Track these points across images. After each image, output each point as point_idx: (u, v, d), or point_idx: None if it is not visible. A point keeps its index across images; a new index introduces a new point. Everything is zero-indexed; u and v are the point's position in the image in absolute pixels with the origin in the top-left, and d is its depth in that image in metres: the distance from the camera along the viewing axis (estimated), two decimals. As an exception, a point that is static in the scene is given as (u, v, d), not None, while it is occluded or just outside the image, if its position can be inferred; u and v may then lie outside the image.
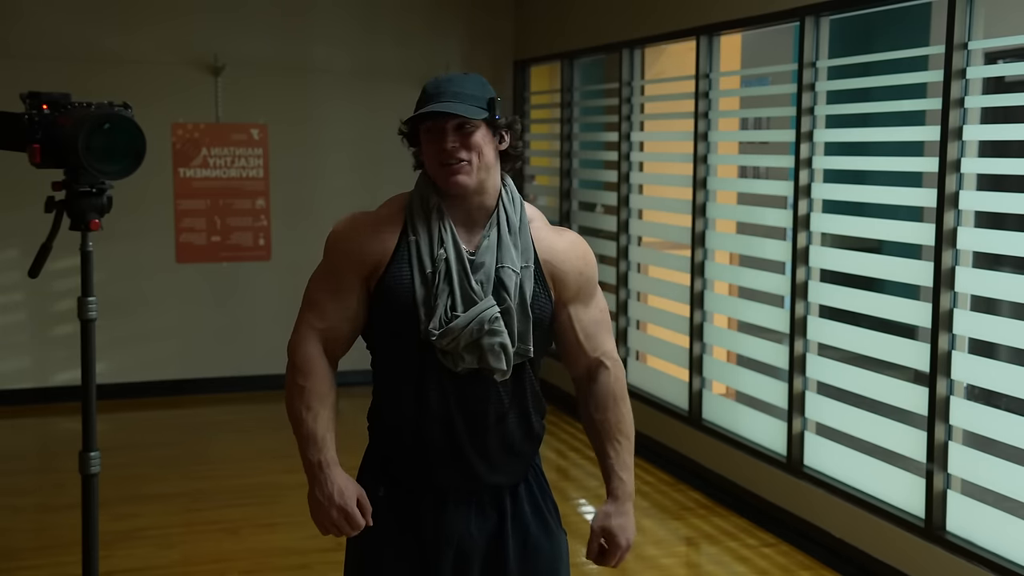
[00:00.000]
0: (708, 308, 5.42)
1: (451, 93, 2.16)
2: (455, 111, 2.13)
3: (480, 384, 2.20)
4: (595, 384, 2.34)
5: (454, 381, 2.19)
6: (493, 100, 2.19)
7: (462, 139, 2.15)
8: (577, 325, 2.30)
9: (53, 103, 2.71)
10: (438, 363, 2.18)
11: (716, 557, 4.57)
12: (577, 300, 2.30)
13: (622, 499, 2.28)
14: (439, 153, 2.16)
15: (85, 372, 2.86)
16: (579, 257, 2.30)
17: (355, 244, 2.22)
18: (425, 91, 2.20)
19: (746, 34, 5.47)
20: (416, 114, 2.17)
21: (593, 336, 2.32)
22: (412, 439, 2.22)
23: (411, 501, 2.26)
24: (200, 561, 4.44)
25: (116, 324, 6.68)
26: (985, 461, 3.77)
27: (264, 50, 7.15)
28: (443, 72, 7.60)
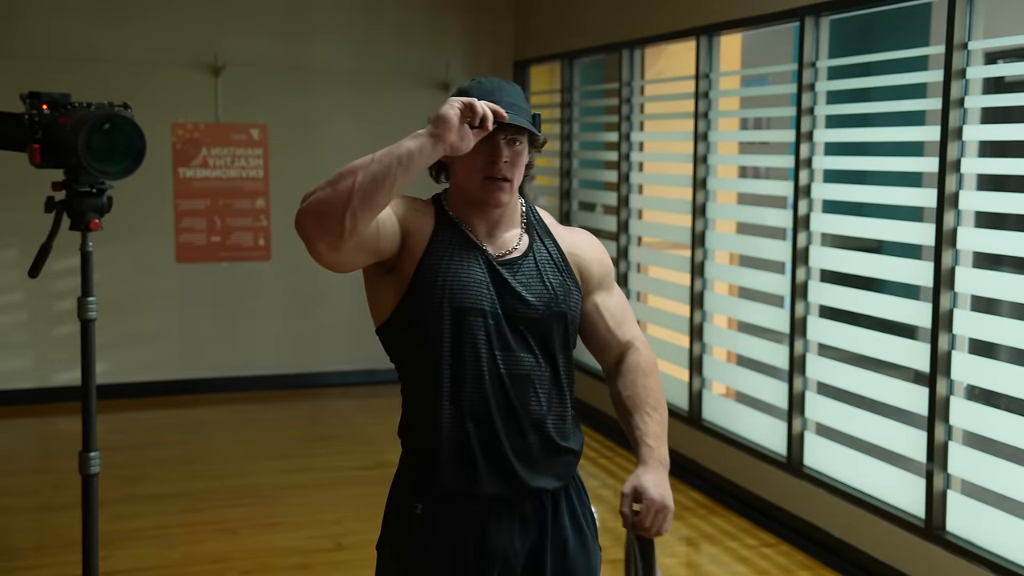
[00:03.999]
0: (708, 308, 5.42)
1: (507, 104, 2.11)
2: (525, 126, 2.10)
3: (518, 383, 2.18)
4: (624, 364, 2.32)
5: (492, 382, 2.16)
6: (537, 116, 2.17)
7: (512, 156, 2.14)
8: (605, 312, 2.31)
9: (53, 103, 2.71)
10: (476, 363, 2.15)
11: (716, 557, 4.57)
12: (601, 288, 2.32)
13: (651, 464, 2.18)
14: (488, 166, 2.12)
15: (85, 372, 2.86)
16: (596, 247, 2.34)
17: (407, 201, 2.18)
18: (475, 94, 2.12)
19: (746, 34, 5.47)
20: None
21: (622, 323, 2.33)
22: (451, 447, 2.16)
23: (453, 517, 2.19)
24: (200, 561, 4.44)
25: (116, 324, 6.68)
26: (985, 461, 3.77)
27: (264, 50, 7.15)
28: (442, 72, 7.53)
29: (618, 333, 2.32)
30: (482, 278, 2.16)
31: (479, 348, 2.14)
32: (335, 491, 5.26)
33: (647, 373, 2.30)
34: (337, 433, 6.43)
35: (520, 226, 2.26)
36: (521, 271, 2.21)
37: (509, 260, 2.21)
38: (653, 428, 2.23)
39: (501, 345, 2.17)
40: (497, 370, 2.16)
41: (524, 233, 2.26)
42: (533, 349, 2.19)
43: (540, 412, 2.20)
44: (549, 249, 2.26)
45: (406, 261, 2.15)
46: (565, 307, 2.22)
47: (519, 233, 2.25)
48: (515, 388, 2.17)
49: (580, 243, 2.32)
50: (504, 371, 2.16)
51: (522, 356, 2.18)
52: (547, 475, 2.23)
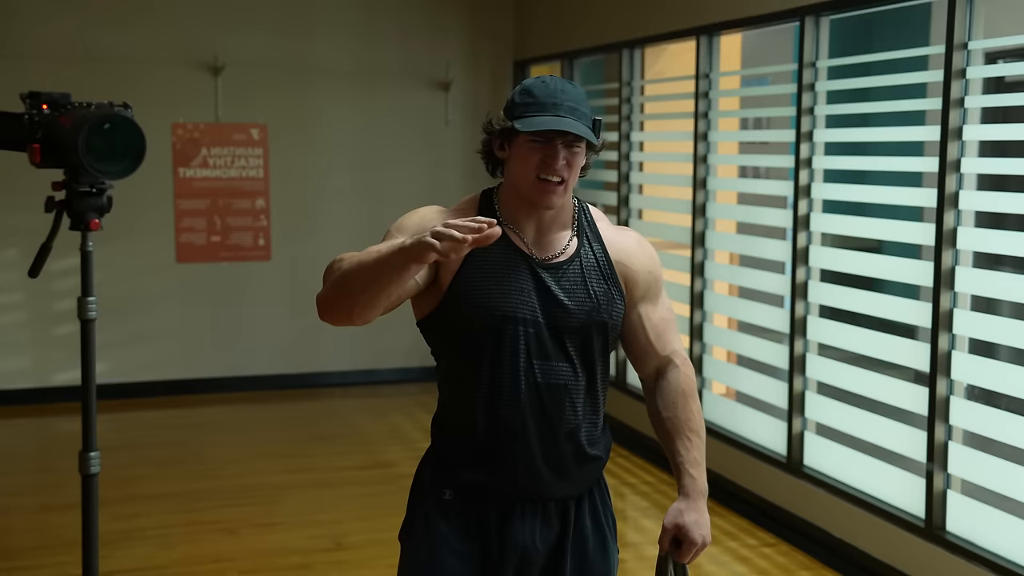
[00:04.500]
0: (708, 308, 5.42)
1: (568, 107, 2.10)
2: (582, 134, 2.08)
3: (554, 392, 2.16)
4: (664, 381, 2.28)
5: (528, 391, 2.15)
6: (598, 122, 2.15)
7: (569, 158, 2.11)
8: (647, 323, 2.26)
9: (53, 103, 2.71)
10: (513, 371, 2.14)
11: (716, 557, 4.57)
12: (647, 299, 2.27)
13: (693, 496, 2.22)
14: (542, 167, 2.09)
15: (85, 372, 2.86)
16: (647, 255, 2.28)
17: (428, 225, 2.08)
18: (534, 95, 2.12)
19: (746, 34, 5.47)
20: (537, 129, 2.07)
21: (663, 335, 2.28)
22: (484, 450, 2.18)
23: (478, 508, 2.21)
24: (200, 561, 4.43)
25: (116, 324, 6.68)
26: (985, 461, 3.76)
27: (264, 50, 7.15)
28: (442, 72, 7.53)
29: (657, 346, 2.28)
30: (523, 284, 2.14)
31: (517, 357, 2.14)
32: (335, 491, 5.26)
33: (688, 395, 2.27)
34: (337, 433, 6.42)
35: (571, 228, 2.23)
36: (565, 276, 2.18)
37: (554, 264, 2.18)
38: (694, 455, 2.24)
39: (540, 354, 2.15)
40: (534, 379, 2.15)
41: (574, 235, 2.22)
42: (571, 357, 2.18)
43: (575, 421, 2.19)
44: (596, 254, 2.22)
45: (444, 273, 2.14)
46: (607, 316, 2.19)
47: (569, 235, 2.22)
48: (551, 398, 2.16)
49: (629, 250, 2.26)
50: (541, 381, 2.15)
51: (560, 365, 2.16)
52: (574, 481, 2.23)
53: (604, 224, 2.28)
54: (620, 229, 2.31)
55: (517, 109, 2.12)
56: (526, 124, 2.08)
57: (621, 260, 2.24)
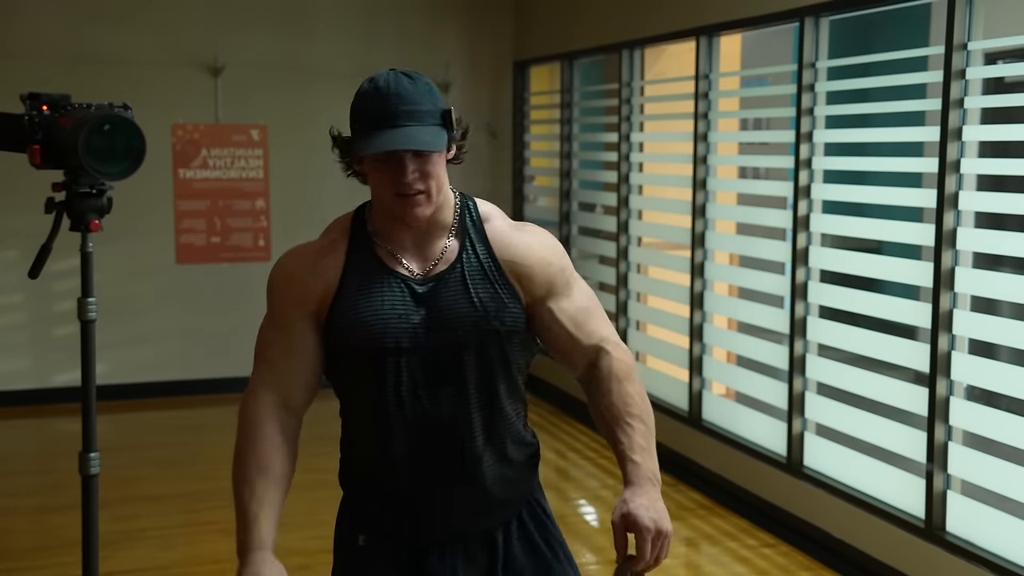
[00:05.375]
0: (708, 309, 5.42)
1: (404, 113, 1.90)
2: (421, 147, 1.89)
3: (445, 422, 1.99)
4: (596, 371, 2.05)
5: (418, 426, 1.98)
6: (448, 113, 1.96)
7: (421, 168, 1.92)
8: (563, 317, 2.04)
9: (53, 104, 2.71)
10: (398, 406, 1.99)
11: (716, 558, 4.57)
12: (554, 293, 2.05)
13: (638, 482, 1.90)
14: (395, 184, 1.92)
15: (85, 373, 2.86)
16: (542, 248, 2.06)
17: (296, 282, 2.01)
18: (367, 105, 1.94)
19: (746, 35, 5.47)
20: (370, 153, 1.91)
21: (584, 325, 2.06)
22: (385, 492, 2.05)
23: (393, 552, 2.08)
24: (200, 562, 4.44)
25: (116, 325, 6.68)
26: (985, 461, 3.76)
27: (264, 50, 7.15)
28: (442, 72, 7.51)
29: (580, 337, 2.05)
30: (401, 309, 1.97)
31: (400, 389, 1.98)
32: (336, 491, 5.24)
33: (623, 378, 2.01)
34: (337, 433, 6.41)
35: (450, 231, 2.03)
36: (447, 287, 1.99)
37: (433, 276, 2.00)
38: (637, 440, 1.95)
39: (426, 382, 1.98)
40: (421, 410, 1.98)
41: (454, 239, 2.03)
42: (463, 379, 1.99)
43: (476, 449, 2.01)
44: (480, 256, 2.02)
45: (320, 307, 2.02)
46: (498, 323, 1.99)
47: (448, 241, 2.03)
48: (442, 428, 1.99)
49: (519, 246, 2.04)
50: (429, 411, 1.98)
51: (449, 390, 1.98)
52: (492, 511, 2.07)
53: (497, 222, 2.07)
54: (517, 226, 2.10)
55: (354, 124, 1.96)
56: (363, 147, 1.91)
57: (510, 258, 2.03)
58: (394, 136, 1.89)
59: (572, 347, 2.07)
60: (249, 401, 2.03)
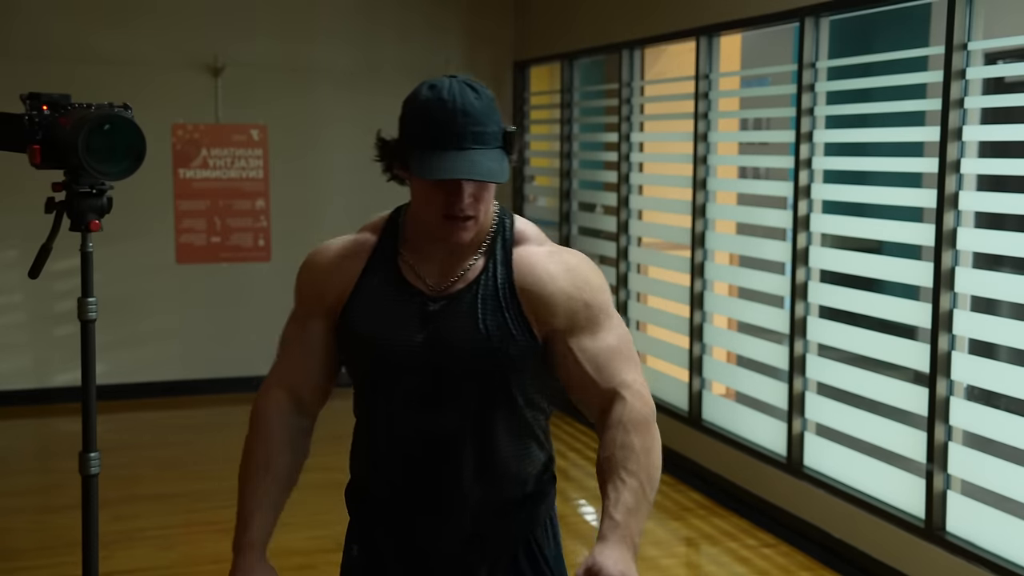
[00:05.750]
0: (708, 309, 5.42)
1: (472, 135, 1.77)
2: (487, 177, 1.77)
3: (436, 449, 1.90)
4: (608, 418, 1.86)
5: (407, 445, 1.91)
6: (511, 136, 1.84)
7: (477, 193, 1.82)
8: (582, 356, 1.87)
9: (53, 104, 2.71)
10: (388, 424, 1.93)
11: (716, 558, 4.57)
12: (576, 329, 1.88)
13: (612, 540, 1.73)
14: (446, 207, 1.81)
15: (85, 373, 2.86)
16: (569, 279, 1.89)
17: (317, 279, 1.97)
18: (431, 118, 1.79)
19: (746, 35, 5.47)
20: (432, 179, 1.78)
21: (605, 366, 1.87)
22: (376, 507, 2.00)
23: (382, 565, 2.01)
24: (200, 562, 4.43)
25: (116, 325, 6.68)
26: (985, 461, 3.76)
27: (264, 50, 7.15)
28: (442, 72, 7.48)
29: (599, 379, 1.87)
30: (410, 324, 1.88)
31: (392, 407, 1.92)
32: (336, 491, 5.21)
33: (631, 428, 1.82)
34: (337, 433, 6.37)
35: (480, 249, 1.91)
36: (456, 308, 1.88)
37: (448, 295, 1.89)
38: (625, 497, 1.77)
39: (421, 404, 1.89)
40: (413, 433, 1.90)
41: (482, 257, 1.91)
42: (458, 407, 1.88)
43: (461, 483, 1.90)
44: (499, 280, 1.88)
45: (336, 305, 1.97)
46: (500, 354, 1.85)
47: (474, 259, 1.91)
48: (432, 455, 1.90)
49: (541, 274, 1.88)
50: (421, 435, 1.90)
51: (445, 416, 1.88)
52: (475, 549, 1.96)
53: (529, 245, 1.92)
54: (553, 251, 1.93)
55: (411, 135, 1.82)
56: (423, 169, 1.77)
57: (527, 286, 1.87)
58: (459, 162, 1.76)
59: (588, 389, 1.89)
60: (261, 396, 2.02)
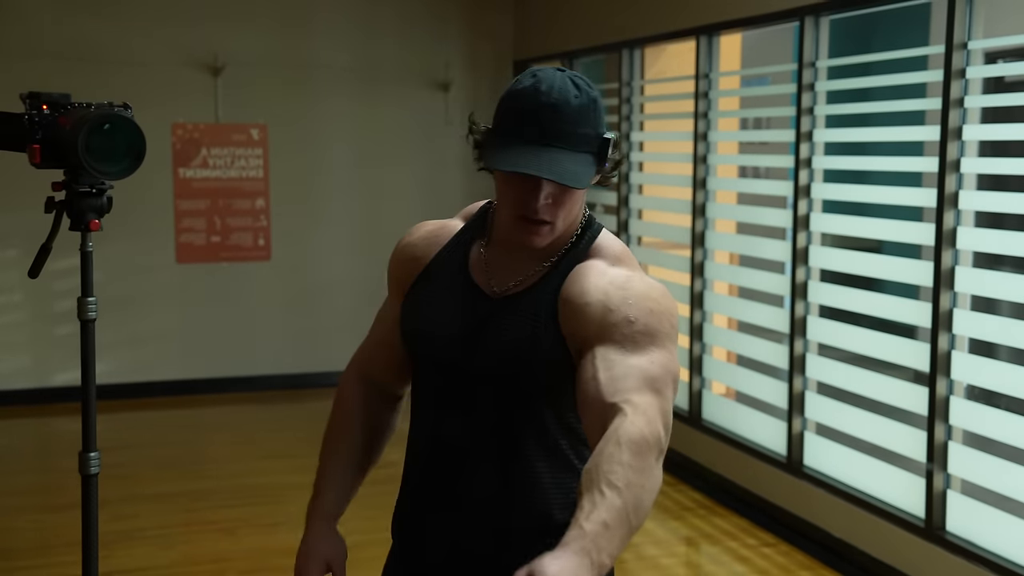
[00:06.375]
0: (708, 308, 5.42)
1: (556, 132, 1.64)
2: (559, 179, 1.63)
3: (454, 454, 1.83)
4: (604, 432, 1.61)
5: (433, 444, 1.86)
6: (607, 143, 1.70)
7: (556, 196, 1.69)
8: (601, 364, 1.65)
9: (53, 103, 2.70)
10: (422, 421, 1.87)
11: (716, 557, 4.57)
12: (607, 340, 1.67)
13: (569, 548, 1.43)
14: (522, 205, 1.69)
15: (85, 372, 2.86)
16: (622, 293, 1.72)
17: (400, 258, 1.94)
18: (519, 112, 1.67)
19: (746, 34, 5.46)
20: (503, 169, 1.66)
21: (620, 379, 1.62)
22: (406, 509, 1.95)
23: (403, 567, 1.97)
24: (199, 561, 4.43)
25: (116, 324, 6.68)
26: (985, 461, 3.76)
27: (264, 50, 7.15)
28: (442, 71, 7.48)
29: (605, 390, 1.62)
30: (458, 321, 1.80)
31: (428, 404, 1.86)
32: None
33: (623, 442, 1.53)
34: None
35: (553, 257, 1.80)
36: (504, 313, 1.78)
37: (504, 297, 1.80)
38: (600, 512, 1.46)
39: (451, 404, 1.82)
40: (439, 433, 1.84)
41: (550, 267, 1.79)
42: (482, 411, 1.79)
43: (485, 492, 1.80)
44: (550, 291, 1.76)
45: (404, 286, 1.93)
46: (520, 364, 1.74)
47: (542, 266, 1.79)
48: (451, 459, 1.83)
49: (586, 284, 1.73)
50: (444, 436, 1.83)
51: (468, 420, 1.80)
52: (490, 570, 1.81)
53: (599, 261, 1.78)
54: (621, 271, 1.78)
55: (497, 121, 1.72)
56: (496, 159, 1.67)
57: (570, 297, 1.73)
58: (534, 158, 1.63)
59: (592, 400, 1.64)
60: (344, 375, 2.04)
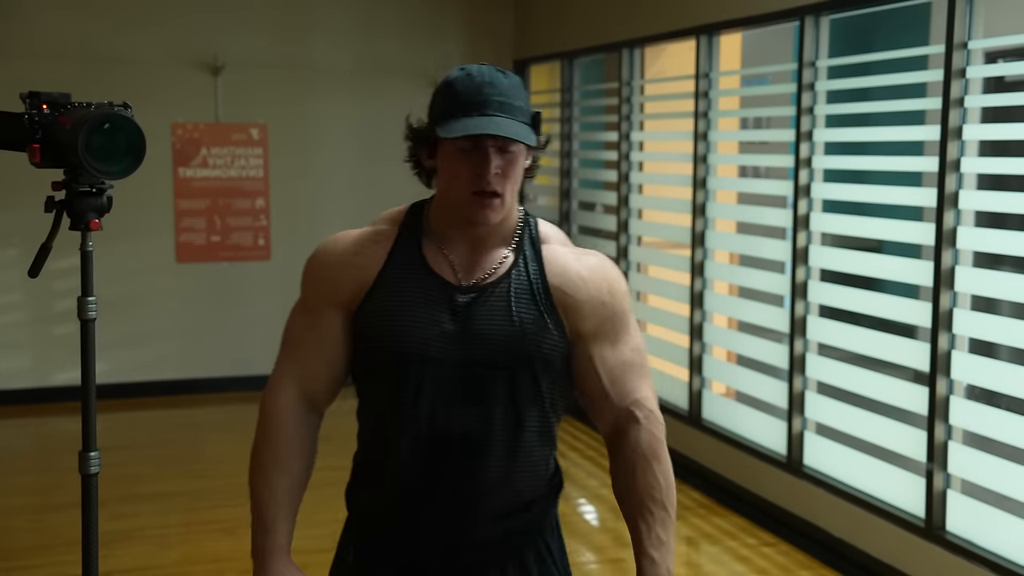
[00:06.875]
0: (708, 308, 5.42)
1: (497, 103, 1.78)
2: (513, 135, 1.77)
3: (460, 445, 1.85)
4: (623, 443, 1.92)
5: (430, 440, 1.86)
6: (538, 116, 1.85)
7: (504, 167, 1.80)
8: (601, 367, 1.90)
9: (53, 103, 2.70)
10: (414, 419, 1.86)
11: (716, 557, 4.57)
12: (600, 337, 1.90)
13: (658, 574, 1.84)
14: (475, 179, 1.79)
15: (85, 372, 2.86)
16: (601, 282, 1.90)
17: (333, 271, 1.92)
18: (456, 91, 1.80)
19: (746, 33, 5.46)
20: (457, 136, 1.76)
21: (620, 380, 1.90)
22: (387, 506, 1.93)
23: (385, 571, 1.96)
24: (199, 561, 4.43)
25: (116, 324, 6.67)
26: (985, 461, 3.76)
27: (264, 50, 7.15)
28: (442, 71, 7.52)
29: (613, 393, 1.91)
30: (436, 315, 1.84)
31: (419, 402, 1.85)
32: (334, 490, 5.23)
33: (651, 457, 1.89)
34: (336, 433, 6.40)
35: (510, 245, 1.90)
36: (488, 301, 1.85)
37: (479, 287, 1.87)
38: (657, 532, 1.86)
39: (447, 398, 1.84)
40: (437, 429, 1.85)
41: (511, 254, 1.90)
42: (489, 401, 1.85)
43: (488, 481, 1.87)
44: (531, 275, 1.88)
45: (351, 299, 1.91)
46: (533, 348, 1.84)
47: (505, 253, 1.90)
48: (457, 451, 1.85)
49: (574, 275, 1.89)
50: (445, 430, 1.84)
51: (471, 411, 1.84)
52: (490, 549, 1.93)
53: (556, 244, 1.93)
54: (579, 253, 1.94)
55: (438, 111, 1.82)
56: (447, 130, 1.77)
57: (561, 285, 1.88)
58: (484, 122, 1.76)
59: (602, 401, 1.93)
60: (271, 394, 1.97)
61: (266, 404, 1.97)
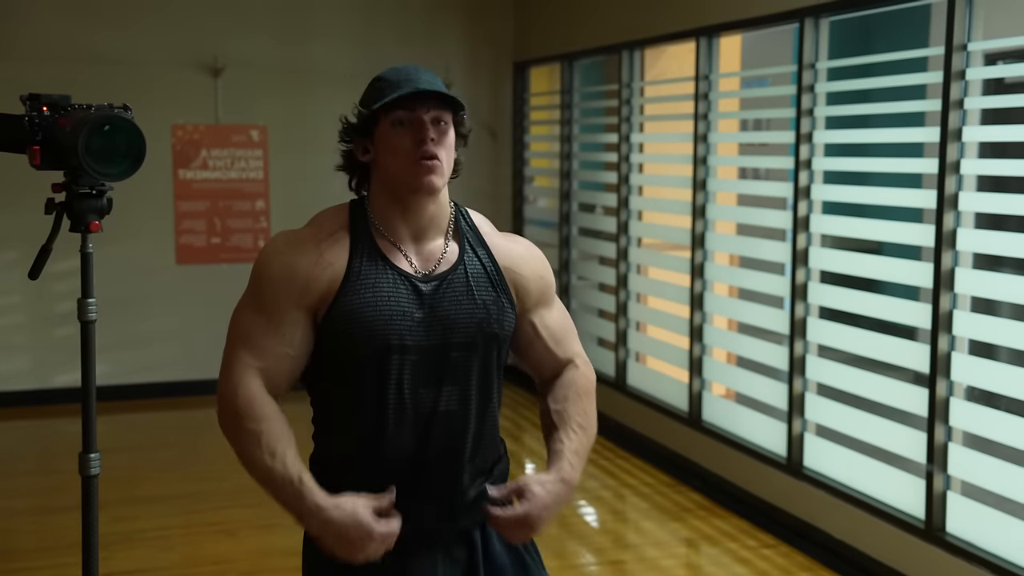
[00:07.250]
0: (708, 309, 5.42)
1: (426, 80, 1.97)
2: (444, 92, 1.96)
3: (442, 422, 1.98)
4: (561, 379, 2.16)
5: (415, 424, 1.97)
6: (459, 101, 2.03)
7: (439, 136, 1.97)
8: (544, 332, 2.15)
9: (53, 105, 2.71)
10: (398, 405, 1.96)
11: (716, 558, 4.57)
12: (540, 306, 2.14)
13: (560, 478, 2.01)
14: (415, 147, 1.95)
15: (85, 374, 2.86)
16: (537, 260, 2.15)
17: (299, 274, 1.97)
18: (386, 79, 1.99)
19: (746, 35, 5.47)
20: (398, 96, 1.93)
21: (562, 341, 2.18)
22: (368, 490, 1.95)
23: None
24: (199, 563, 4.43)
25: (116, 326, 6.67)
26: (985, 462, 3.76)
27: (264, 51, 7.15)
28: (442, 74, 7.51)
29: (557, 352, 2.17)
30: (406, 307, 1.97)
31: (401, 387, 1.96)
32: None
33: (582, 393, 2.15)
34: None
35: (447, 234, 2.06)
36: (450, 288, 2.01)
37: (437, 276, 2.01)
38: (575, 446, 2.07)
39: (425, 381, 1.97)
40: (419, 410, 1.97)
41: (452, 242, 2.06)
42: (462, 380, 2.01)
43: (466, 452, 2.02)
44: (483, 260, 2.07)
45: (319, 303, 1.98)
46: (497, 327, 2.04)
47: (446, 242, 2.05)
48: (439, 429, 1.99)
49: (518, 256, 2.12)
50: (427, 411, 1.98)
51: (449, 390, 1.99)
52: (468, 514, 2.06)
53: (489, 229, 2.13)
54: (507, 236, 2.17)
55: (371, 98, 1.99)
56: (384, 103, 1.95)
57: (510, 266, 2.09)
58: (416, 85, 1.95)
59: (547, 360, 2.17)
60: (240, 384, 1.99)
61: (239, 394, 1.99)
